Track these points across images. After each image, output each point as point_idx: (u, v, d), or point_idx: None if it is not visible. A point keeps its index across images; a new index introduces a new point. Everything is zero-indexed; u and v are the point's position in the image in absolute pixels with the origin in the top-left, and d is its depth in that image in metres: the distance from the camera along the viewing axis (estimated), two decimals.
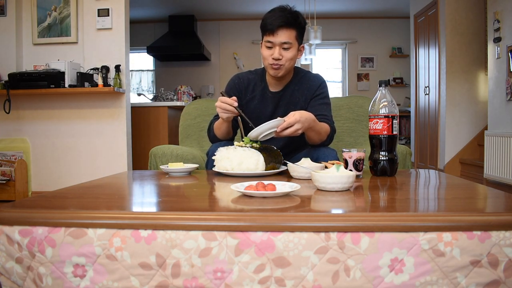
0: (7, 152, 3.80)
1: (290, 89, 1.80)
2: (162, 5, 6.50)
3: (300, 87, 1.80)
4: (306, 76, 1.83)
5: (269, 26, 1.64)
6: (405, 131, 6.84)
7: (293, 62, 1.71)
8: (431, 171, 1.62)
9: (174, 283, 0.81)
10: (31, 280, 0.85)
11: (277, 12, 1.65)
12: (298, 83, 1.81)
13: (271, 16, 1.65)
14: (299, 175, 1.33)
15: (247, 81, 1.84)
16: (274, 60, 1.66)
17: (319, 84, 1.81)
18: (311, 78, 1.82)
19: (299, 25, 1.67)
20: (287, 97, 1.80)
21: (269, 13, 1.67)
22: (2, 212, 0.87)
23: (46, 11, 3.78)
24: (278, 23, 1.62)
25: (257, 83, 1.83)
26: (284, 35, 1.64)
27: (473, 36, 4.72)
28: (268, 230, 0.80)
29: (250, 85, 1.83)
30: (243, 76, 1.87)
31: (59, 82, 3.50)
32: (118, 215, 0.85)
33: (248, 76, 1.86)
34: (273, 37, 1.64)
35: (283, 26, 1.63)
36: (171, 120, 4.25)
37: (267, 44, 1.67)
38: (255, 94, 1.82)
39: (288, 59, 1.67)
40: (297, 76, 1.82)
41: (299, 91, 1.80)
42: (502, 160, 3.72)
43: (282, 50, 1.66)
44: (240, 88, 1.83)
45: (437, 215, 0.83)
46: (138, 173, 1.73)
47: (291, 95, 1.80)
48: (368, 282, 0.78)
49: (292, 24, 1.64)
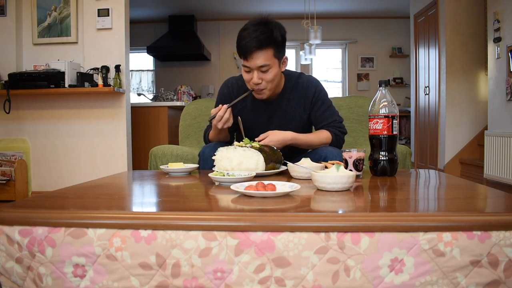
0: (7, 152, 3.80)
1: (285, 99, 1.74)
2: (162, 5, 6.50)
3: (295, 95, 1.74)
4: (299, 81, 1.76)
5: (243, 50, 1.55)
6: (405, 131, 6.84)
7: (276, 81, 1.64)
8: (431, 171, 1.62)
9: (174, 283, 0.81)
10: (31, 280, 0.85)
11: (250, 32, 1.54)
12: (292, 91, 1.75)
13: (244, 38, 1.54)
14: (299, 175, 1.33)
15: (236, 89, 1.78)
16: (254, 85, 1.61)
17: (314, 89, 1.74)
18: (305, 84, 1.75)
19: (275, 41, 1.56)
20: (282, 106, 1.74)
21: (242, 32, 1.57)
22: (2, 212, 0.87)
23: (46, 11, 3.78)
24: (251, 48, 1.53)
25: (247, 90, 1.71)
26: (260, 59, 1.55)
27: (473, 36, 4.72)
28: (268, 230, 0.80)
29: (240, 92, 1.74)
30: (232, 83, 1.81)
31: (59, 82, 3.50)
32: (118, 215, 0.85)
33: (238, 82, 1.79)
34: (248, 62, 1.57)
35: (257, 50, 1.53)
36: (171, 120, 4.25)
37: (245, 68, 1.60)
38: (246, 103, 1.75)
39: (269, 81, 1.60)
40: (289, 82, 1.75)
41: (295, 100, 1.74)
42: (502, 160, 3.72)
43: (261, 73, 1.58)
44: (230, 96, 1.77)
45: (437, 215, 0.83)
46: (138, 173, 1.73)
47: (286, 104, 1.74)
48: (368, 282, 0.78)
49: (266, 44, 1.54)
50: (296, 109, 1.75)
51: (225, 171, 1.33)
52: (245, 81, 1.66)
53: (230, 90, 1.80)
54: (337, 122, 1.74)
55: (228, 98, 1.76)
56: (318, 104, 1.75)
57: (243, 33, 1.57)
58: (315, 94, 1.74)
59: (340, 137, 1.73)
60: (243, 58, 1.57)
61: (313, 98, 1.74)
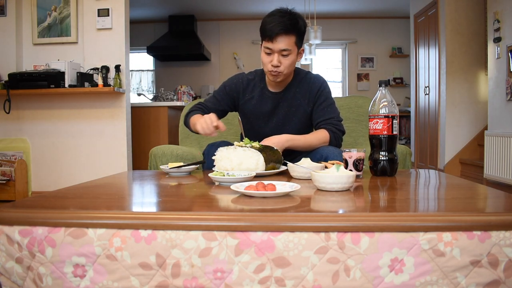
0: (7, 152, 3.80)
1: (291, 91, 1.80)
2: (162, 5, 6.49)
3: (302, 89, 1.80)
4: (306, 77, 1.82)
5: (268, 32, 1.61)
6: (405, 131, 6.84)
7: (292, 67, 1.70)
8: (431, 171, 1.62)
9: (174, 283, 0.81)
10: (31, 280, 0.85)
11: (277, 18, 1.61)
12: (299, 84, 1.81)
13: (271, 22, 1.61)
14: (299, 175, 1.33)
15: (246, 82, 1.85)
16: (272, 67, 1.66)
17: (319, 85, 1.80)
18: (312, 80, 1.82)
19: (299, 30, 1.64)
20: (288, 98, 1.80)
21: (268, 17, 1.64)
22: (2, 212, 0.87)
23: (46, 11, 3.78)
24: (277, 30, 1.59)
25: (256, 83, 1.83)
26: (283, 42, 1.61)
27: (473, 36, 4.71)
28: (268, 230, 0.80)
29: (249, 86, 1.83)
30: (242, 76, 1.88)
31: (59, 82, 3.50)
32: (118, 215, 0.85)
33: (248, 77, 1.87)
34: (272, 44, 1.62)
35: (282, 33, 1.60)
36: (171, 120, 4.25)
37: (266, 50, 1.65)
38: (254, 94, 1.83)
39: (287, 66, 1.66)
40: (298, 77, 1.82)
41: (301, 93, 1.80)
42: (502, 160, 3.72)
43: (281, 57, 1.64)
44: (238, 88, 1.84)
45: (437, 215, 0.83)
46: (138, 173, 1.73)
47: (292, 97, 1.80)
48: (368, 282, 0.78)
49: (292, 30, 1.61)
50: (301, 102, 1.80)
51: (225, 171, 1.33)
52: (263, 64, 1.70)
53: (240, 81, 1.85)
54: (334, 119, 1.76)
55: (235, 89, 1.84)
56: (321, 100, 1.79)
57: (269, 17, 1.63)
58: (319, 89, 1.80)
59: (337, 134, 1.74)
60: (268, 40, 1.63)
61: (317, 93, 1.79)
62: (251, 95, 1.83)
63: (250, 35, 7.22)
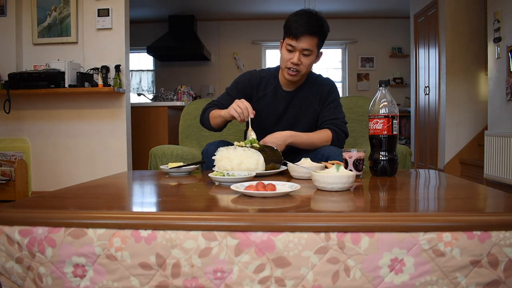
0: (7, 152, 3.80)
1: (303, 91, 1.83)
2: (162, 5, 6.49)
3: (312, 89, 1.83)
4: (318, 79, 1.86)
5: (294, 30, 1.63)
6: (405, 131, 6.84)
7: (310, 67, 1.73)
8: (431, 171, 1.62)
9: (174, 283, 0.81)
10: (31, 280, 0.85)
11: (304, 17, 1.64)
12: (311, 85, 1.84)
13: (298, 21, 1.64)
14: (299, 175, 1.33)
15: (259, 79, 1.86)
16: (292, 64, 1.68)
17: (329, 87, 1.84)
18: (322, 82, 1.86)
19: (323, 33, 1.69)
20: (300, 98, 1.82)
21: (295, 16, 1.66)
22: (2, 212, 0.87)
23: (46, 11, 3.78)
24: (303, 30, 1.62)
25: (269, 81, 1.84)
26: (306, 42, 1.64)
27: (473, 36, 4.71)
28: (268, 230, 0.80)
29: (262, 83, 1.85)
30: (255, 73, 1.89)
31: (59, 82, 3.50)
32: (118, 215, 0.85)
33: (261, 74, 1.88)
34: (295, 42, 1.65)
35: (307, 33, 1.63)
36: (171, 120, 4.25)
37: (288, 47, 1.67)
38: (267, 91, 1.84)
39: (306, 65, 1.69)
40: (310, 78, 1.85)
41: (312, 94, 1.83)
42: (502, 160, 3.72)
43: (302, 56, 1.67)
44: (251, 85, 1.85)
45: (437, 215, 0.83)
46: (138, 173, 1.73)
47: (304, 96, 1.82)
48: (368, 282, 0.78)
49: (317, 32, 1.65)
50: (311, 102, 1.83)
51: (225, 171, 1.33)
52: (282, 60, 1.72)
53: (252, 77, 1.86)
54: (339, 120, 1.78)
55: (248, 85, 1.84)
56: (329, 101, 1.82)
57: (296, 16, 1.66)
58: (329, 91, 1.84)
59: (340, 135, 1.76)
60: (292, 38, 1.65)
61: (327, 94, 1.83)
62: (264, 92, 1.84)
63: (250, 35, 7.22)
